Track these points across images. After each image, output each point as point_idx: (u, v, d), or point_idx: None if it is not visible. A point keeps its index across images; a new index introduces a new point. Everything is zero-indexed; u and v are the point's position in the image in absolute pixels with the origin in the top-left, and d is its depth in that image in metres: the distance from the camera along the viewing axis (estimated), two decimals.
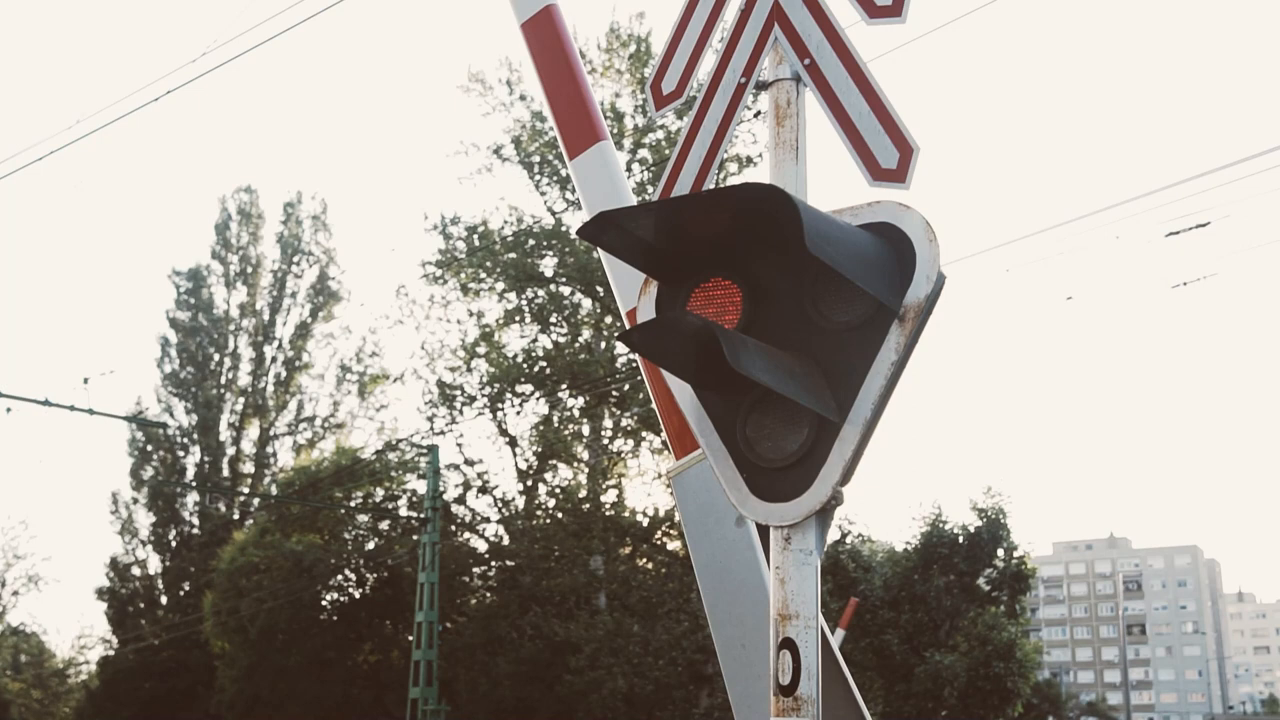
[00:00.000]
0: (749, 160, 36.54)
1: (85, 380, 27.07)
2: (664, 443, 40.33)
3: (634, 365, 37.08)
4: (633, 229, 3.24)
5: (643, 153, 39.05)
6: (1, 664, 75.23)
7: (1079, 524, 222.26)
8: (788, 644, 3.14)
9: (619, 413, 38.73)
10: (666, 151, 36.92)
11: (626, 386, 37.05)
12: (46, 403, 25.62)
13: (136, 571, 61.90)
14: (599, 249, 3.50)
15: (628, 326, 4.42)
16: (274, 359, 63.18)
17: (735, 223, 3.17)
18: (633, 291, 4.42)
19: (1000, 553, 34.28)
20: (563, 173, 39.54)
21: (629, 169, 39.35)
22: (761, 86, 3.79)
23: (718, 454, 3.42)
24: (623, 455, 40.79)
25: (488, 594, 40.61)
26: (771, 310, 3.29)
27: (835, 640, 17.15)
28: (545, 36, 4.66)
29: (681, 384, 3.47)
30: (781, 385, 3.07)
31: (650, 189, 36.70)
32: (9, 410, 26.00)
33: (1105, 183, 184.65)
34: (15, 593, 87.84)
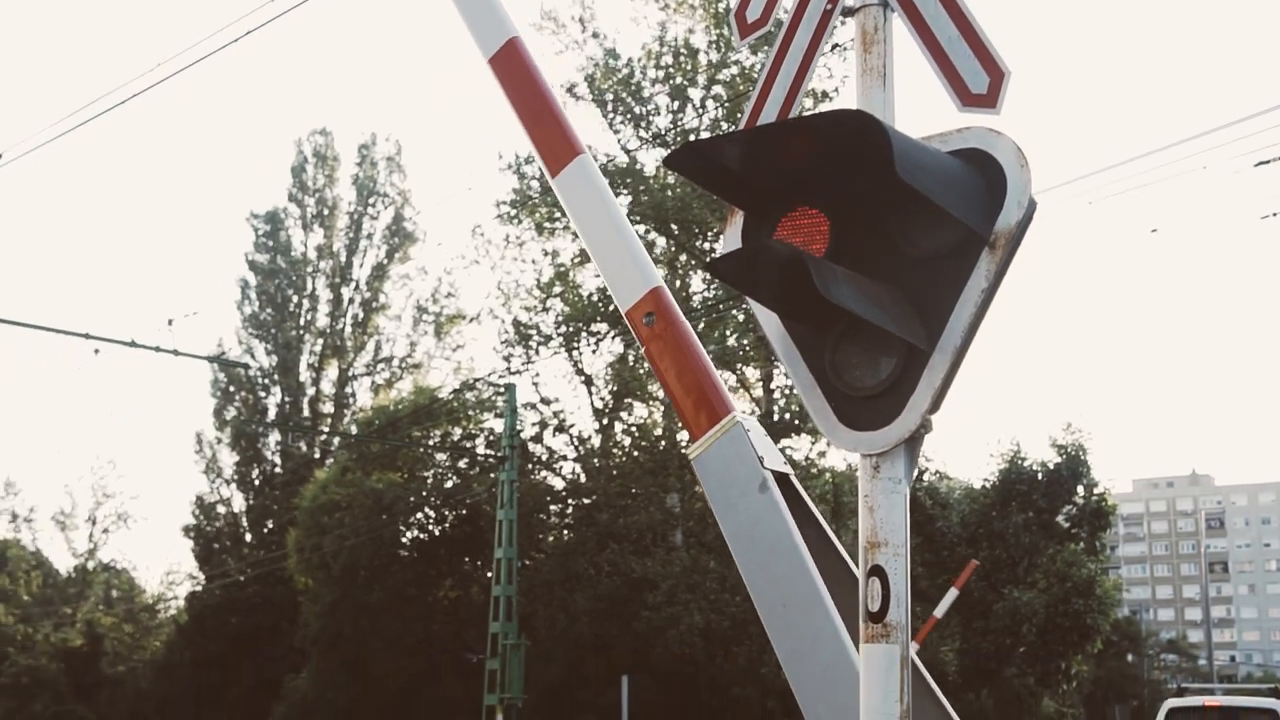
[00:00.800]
0: (825, 95, 36.17)
1: (170, 322, 27.64)
2: (729, 390, 40.40)
3: (709, 303, 37.05)
4: (719, 158, 3.23)
5: (717, 89, 38.78)
6: (94, 599, 77.34)
7: (1160, 461, 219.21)
8: (876, 571, 3.15)
9: None
10: (741, 88, 36.61)
11: (701, 324, 37.02)
12: (133, 344, 26.07)
13: (221, 510, 63.17)
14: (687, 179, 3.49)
15: (629, 325, 4.43)
16: (351, 300, 63.81)
17: (823, 150, 3.15)
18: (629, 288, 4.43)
19: (1080, 489, 33.97)
20: (636, 110, 39.38)
21: (702, 105, 39.11)
22: (848, 13, 3.74)
23: (805, 384, 3.41)
24: None
25: (565, 531, 40.99)
26: (859, 239, 3.27)
27: (948, 600, 17.13)
28: (512, 68, 4.72)
29: (768, 314, 3.47)
30: (870, 313, 3.06)
31: (725, 126, 36.45)
32: (97, 351, 26.49)
33: (1192, 112, 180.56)
34: (105, 530, 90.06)
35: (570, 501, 41.25)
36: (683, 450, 33.11)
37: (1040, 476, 33.47)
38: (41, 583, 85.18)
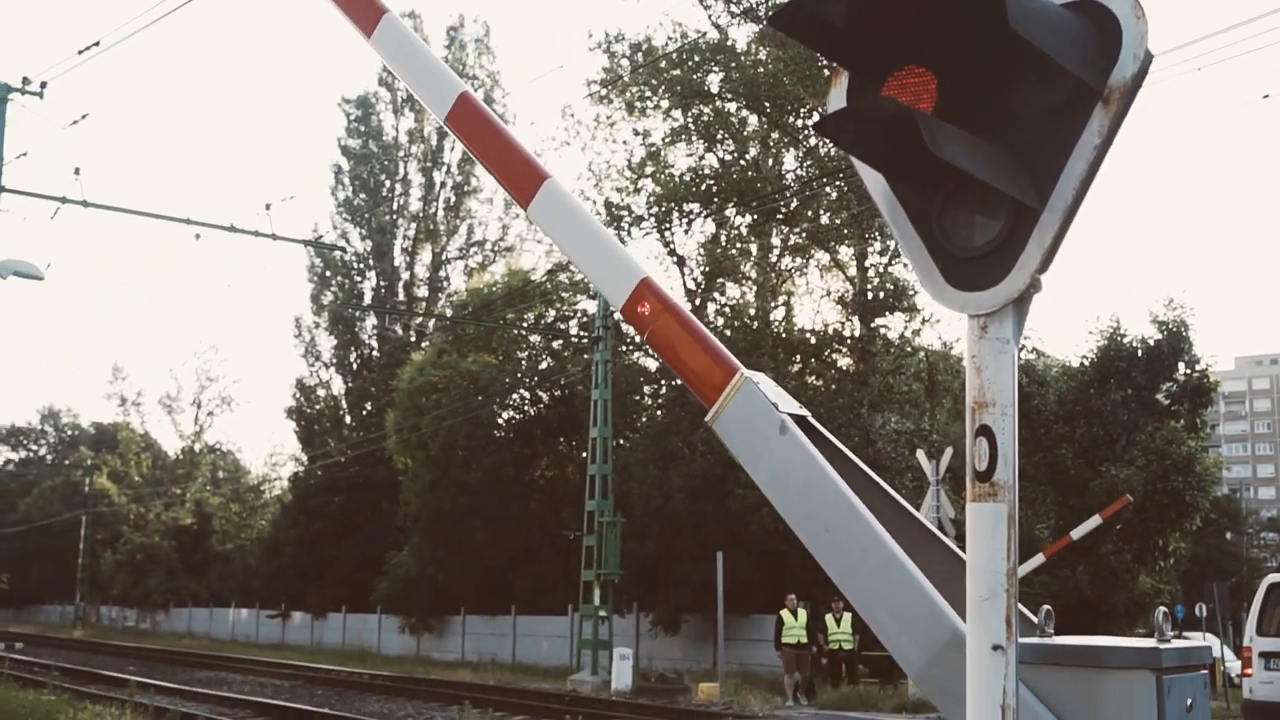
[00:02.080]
0: None
1: (267, 207, 27.88)
2: (821, 269, 40.04)
3: (803, 179, 36.66)
4: (825, 17, 3.17)
5: None
6: (202, 480, 79.61)
7: (1265, 338, 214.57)
8: (984, 431, 3.15)
9: (787, 230, 38.44)
10: None
11: (794, 203, 36.68)
12: (232, 229, 26.44)
13: (321, 393, 64.47)
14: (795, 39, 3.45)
15: (628, 321, 4.48)
16: (443, 184, 64.09)
17: (930, 5, 3.08)
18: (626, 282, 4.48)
19: (1181, 366, 33.48)
20: None
21: None
22: None
23: (912, 245, 3.38)
24: (791, 272, 40.64)
25: (659, 411, 41.28)
26: (968, 95, 3.21)
27: (1088, 525, 16.94)
28: (468, 120, 4.81)
29: (874, 175, 3.43)
30: (980, 171, 3.02)
31: None
32: (198, 237, 26.93)
33: None
34: (210, 413, 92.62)
35: (664, 382, 41.46)
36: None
37: (1140, 353, 33.00)
38: (151, 464, 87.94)
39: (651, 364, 42.54)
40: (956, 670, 3.30)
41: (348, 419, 62.45)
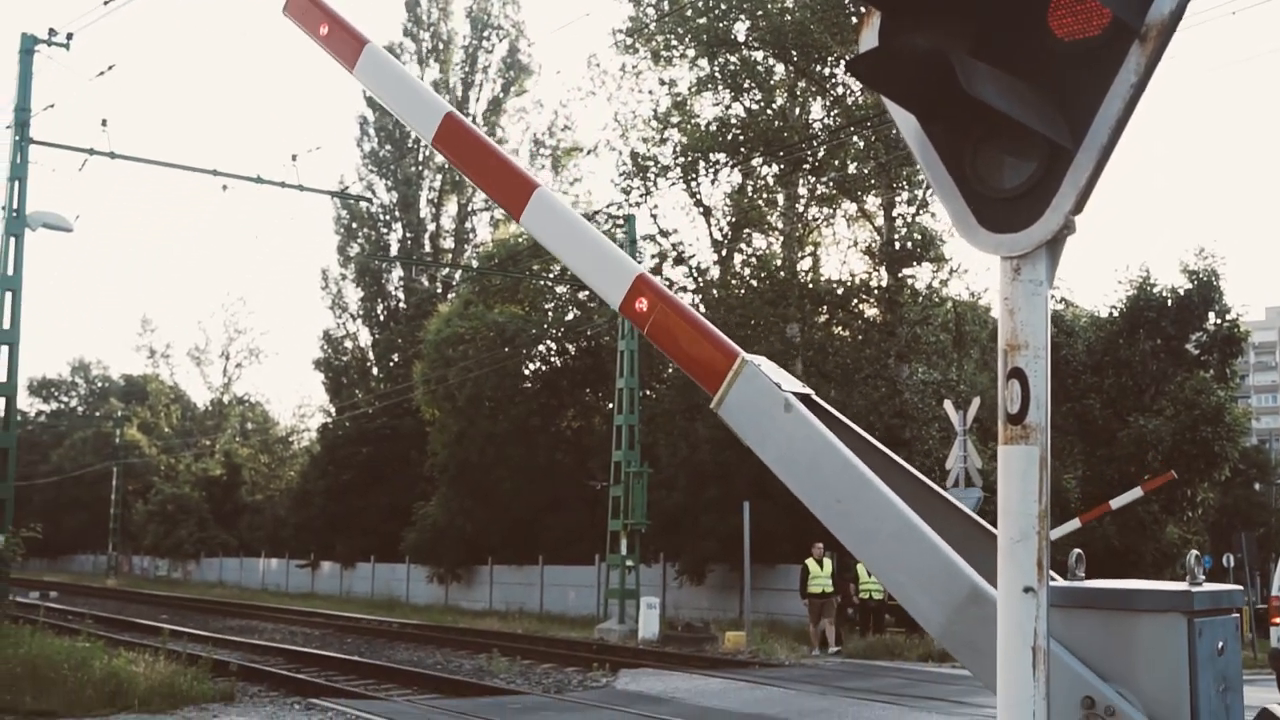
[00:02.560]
0: None
1: (294, 158, 27.93)
2: (848, 219, 39.82)
3: (830, 128, 36.42)
4: None
5: None
6: (231, 431, 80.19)
7: None
8: (1016, 374, 3.13)
9: (814, 179, 38.25)
10: None
11: (821, 152, 36.47)
12: (258, 180, 26.50)
13: (349, 344, 64.74)
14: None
15: (626, 318, 4.49)
16: None
17: None
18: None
19: (1211, 316, 33.26)
20: None
21: None
22: None
23: (944, 187, 3.35)
24: (818, 223, 40.47)
25: None
26: (1002, 34, 3.17)
27: (1129, 496, 16.88)
28: (456, 140, 4.86)
29: (906, 116, 3.40)
30: (1014, 110, 2.99)
31: None
32: (225, 188, 27.02)
33: None
34: (239, 365, 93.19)
35: None
36: (708, 405, 33.23)
37: (1170, 303, 32.77)
38: (180, 416, 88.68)
39: None
40: (977, 624, 3.31)
41: (375, 370, 62.74)
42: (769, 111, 38.55)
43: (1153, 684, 3.38)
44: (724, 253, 40.87)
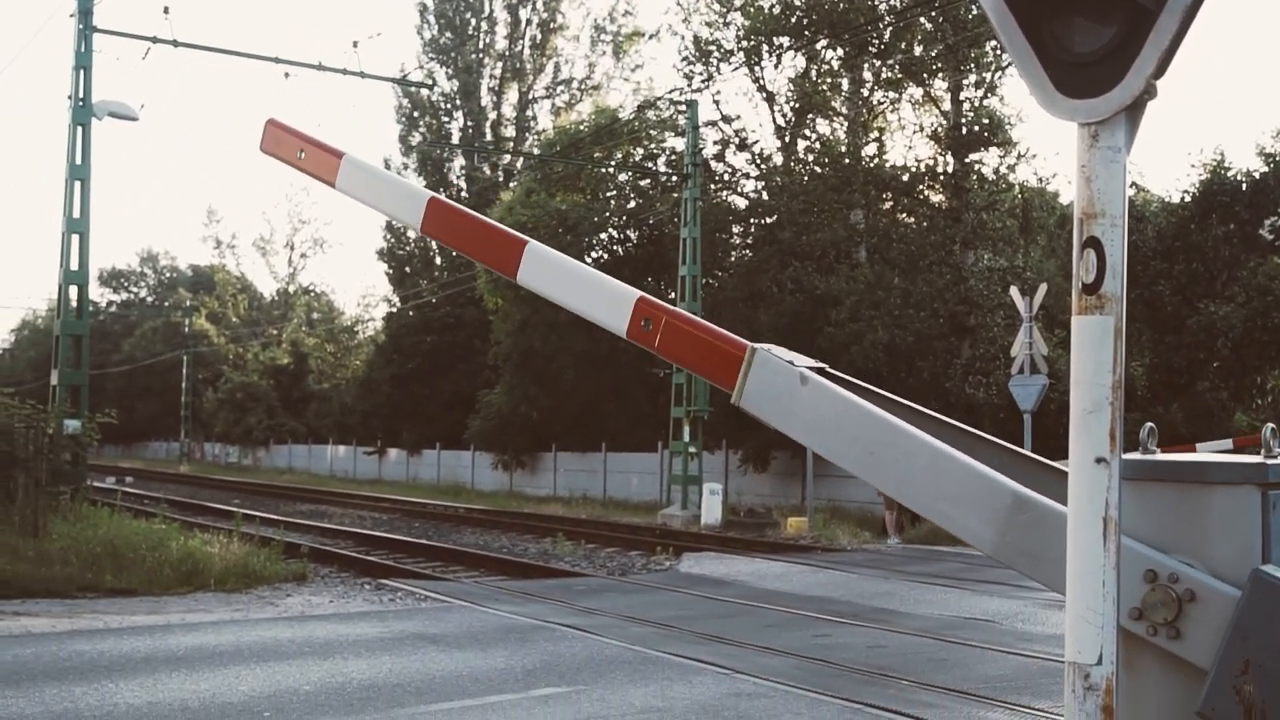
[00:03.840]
0: None
1: (355, 44, 27.87)
2: (914, 103, 39.14)
3: (896, 10, 35.70)
4: None
5: None
6: (297, 321, 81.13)
7: None
8: (1092, 243, 3.07)
9: (879, 64, 37.60)
10: None
11: (888, 35, 35.81)
12: (320, 67, 26.45)
13: (411, 234, 64.96)
14: None
15: (636, 343, 4.47)
16: (529, 22, 63.35)
17: None
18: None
19: None
20: None
21: None
22: None
23: (1021, 52, 3.28)
24: (883, 107, 39.87)
25: (748, 250, 41.09)
26: None
27: (1219, 444, 16.53)
28: (442, 220, 4.78)
29: None
30: None
31: None
32: (287, 75, 27.00)
33: None
34: (303, 255, 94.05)
35: (753, 220, 41.19)
36: (730, 398, 33.06)
37: (1244, 187, 32.04)
38: (247, 306, 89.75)
39: (741, 202, 42.26)
40: (1027, 529, 3.30)
41: (438, 260, 63.00)
42: None
43: (1223, 556, 3.36)
44: (787, 139, 40.39)
